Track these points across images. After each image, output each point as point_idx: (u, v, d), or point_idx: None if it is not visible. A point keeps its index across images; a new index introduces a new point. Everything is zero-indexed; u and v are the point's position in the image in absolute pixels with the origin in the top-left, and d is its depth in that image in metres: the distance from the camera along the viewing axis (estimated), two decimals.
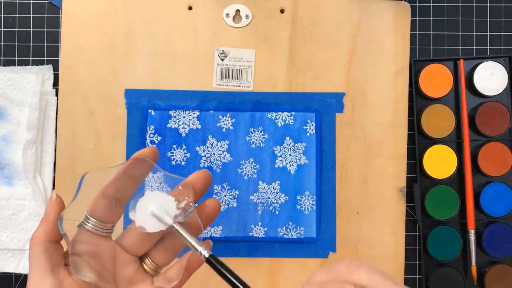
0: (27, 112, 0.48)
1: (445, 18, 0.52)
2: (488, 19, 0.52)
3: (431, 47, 0.52)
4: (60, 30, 0.52)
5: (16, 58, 0.51)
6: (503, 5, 0.52)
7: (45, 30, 0.52)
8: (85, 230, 0.33)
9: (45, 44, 0.51)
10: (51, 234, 0.32)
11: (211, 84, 0.50)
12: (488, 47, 0.52)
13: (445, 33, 0.52)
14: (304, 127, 0.50)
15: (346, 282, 0.29)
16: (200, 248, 0.32)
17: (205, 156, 0.49)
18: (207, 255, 0.32)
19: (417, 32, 0.52)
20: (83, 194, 0.33)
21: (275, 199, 0.49)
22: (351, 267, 0.29)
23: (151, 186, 0.47)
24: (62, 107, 0.50)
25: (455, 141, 0.50)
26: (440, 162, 0.50)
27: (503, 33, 0.52)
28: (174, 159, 0.49)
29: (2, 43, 0.52)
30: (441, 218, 0.49)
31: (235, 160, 0.49)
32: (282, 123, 0.50)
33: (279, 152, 0.49)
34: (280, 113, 0.50)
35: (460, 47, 0.52)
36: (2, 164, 0.49)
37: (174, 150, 0.49)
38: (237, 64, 0.50)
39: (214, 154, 0.49)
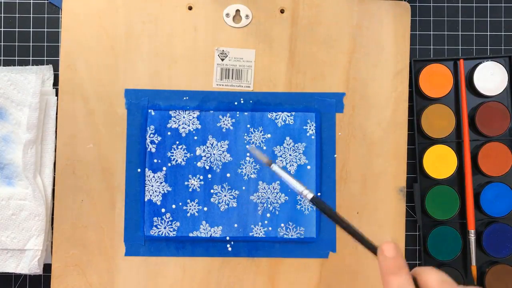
0: (27, 112, 0.48)
1: (445, 18, 0.52)
2: (488, 19, 0.52)
3: (431, 47, 0.52)
4: (60, 30, 0.52)
5: (16, 58, 0.51)
6: (503, 5, 0.52)
7: (45, 30, 0.52)
8: None
9: (45, 44, 0.51)
10: None
11: (211, 84, 0.50)
12: (488, 47, 0.52)
13: (445, 33, 0.52)
14: (304, 127, 0.50)
15: None
16: (302, 189, 0.33)
17: (205, 156, 0.49)
18: (310, 197, 0.32)
19: (417, 32, 0.52)
20: None
21: (275, 199, 0.49)
22: None
23: None
24: (62, 107, 0.50)
25: (455, 141, 0.50)
26: (440, 162, 0.50)
27: (503, 33, 0.52)
28: (174, 159, 0.49)
29: (2, 43, 0.52)
30: (441, 218, 0.49)
31: (235, 160, 0.49)
32: (282, 123, 0.50)
33: (279, 152, 0.49)
34: (280, 113, 0.50)
35: (460, 47, 0.52)
36: (2, 164, 0.49)
37: (174, 150, 0.49)
38: (237, 64, 0.50)
39: (214, 154, 0.49)
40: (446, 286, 0.30)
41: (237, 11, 0.50)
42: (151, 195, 0.49)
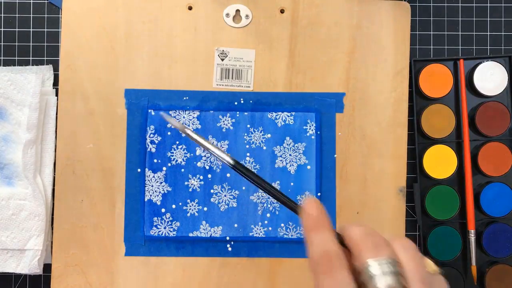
0: (27, 112, 0.48)
1: (445, 18, 0.52)
2: (488, 19, 0.52)
3: (431, 47, 0.52)
4: (60, 30, 0.52)
5: (16, 58, 0.51)
6: (503, 5, 0.52)
7: (45, 30, 0.52)
8: None
9: (45, 44, 0.51)
10: None
11: (211, 84, 0.50)
12: (488, 47, 0.52)
13: (445, 33, 0.52)
14: (304, 127, 0.50)
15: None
16: (223, 155, 0.32)
17: (205, 156, 0.49)
18: (232, 162, 0.32)
19: (417, 32, 0.52)
20: None
21: None
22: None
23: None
24: (62, 107, 0.50)
25: (455, 141, 0.50)
26: (440, 162, 0.50)
27: (503, 33, 0.52)
28: (174, 159, 0.49)
29: (2, 43, 0.52)
30: (441, 218, 0.49)
31: None
32: (282, 123, 0.50)
33: (279, 152, 0.49)
34: (280, 113, 0.50)
35: (460, 47, 0.52)
36: (2, 164, 0.49)
37: (174, 150, 0.49)
38: (237, 64, 0.50)
39: None
40: (370, 238, 0.29)
41: (237, 11, 0.50)
42: (151, 195, 0.49)
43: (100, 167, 0.49)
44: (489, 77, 0.50)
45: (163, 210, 0.49)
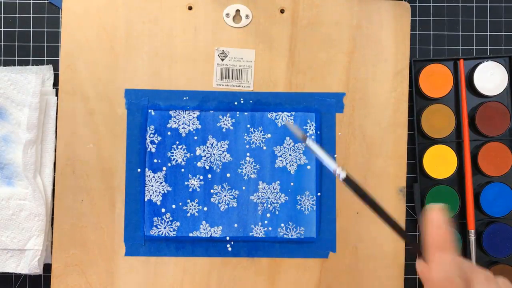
0: (27, 112, 0.48)
1: (445, 18, 0.52)
2: (488, 19, 0.52)
3: (431, 47, 0.52)
4: (60, 30, 0.52)
5: (16, 58, 0.51)
6: (503, 5, 0.52)
7: (45, 30, 0.52)
8: None
9: (45, 44, 0.51)
10: None
11: (211, 84, 0.50)
12: (488, 47, 0.52)
13: (445, 33, 0.52)
14: (304, 127, 0.50)
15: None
16: (335, 167, 0.32)
17: (205, 156, 0.49)
18: (343, 176, 0.31)
19: (417, 32, 0.52)
20: None
21: (275, 199, 0.49)
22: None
23: None
24: (62, 107, 0.50)
25: (455, 141, 0.50)
26: (440, 162, 0.50)
27: (503, 33, 0.52)
28: (174, 159, 0.49)
29: (2, 43, 0.52)
30: None
31: (235, 160, 0.49)
32: (282, 123, 0.50)
33: (279, 152, 0.49)
34: (280, 113, 0.50)
35: (460, 47, 0.52)
36: (2, 164, 0.49)
37: (174, 150, 0.49)
38: (237, 64, 0.50)
39: (214, 154, 0.49)
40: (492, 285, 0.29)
41: (237, 11, 0.50)
42: (151, 195, 0.49)
43: (100, 167, 0.49)
44: (489, 77, 0.50)
45: (163, 210, 0.49)
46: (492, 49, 0.52)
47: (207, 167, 0.49)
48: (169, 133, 0.49)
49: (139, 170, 0.49)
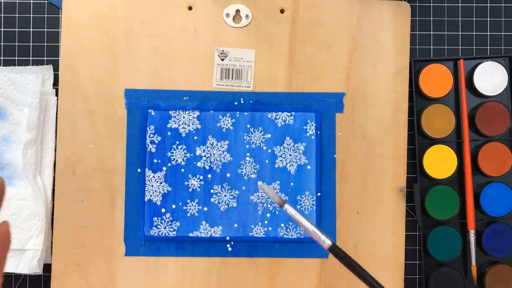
0: (27, 112, 0.48)
1: (445, 18, 0.52)
2: (488, 19, 0.52)
3: (431, 47, 0.52)
4: (60, 30, 0.52)
5: (16, 58, 0.51)
6: (503, 5, 0.52)
7: (45, 30, 0.52)
8: None
9: (45, 44, 0.51)
10: None
11: (211, 84, 0.50)
12: (488, 47, 0.52)
13: (445, 33, 0.52)
14: (304, 127, 0.50)
15: None
16: (322, 236, 0.31)
17: (205, 156, 0.49)
18: (328, 244, 0.31)
19: (417, 32, 0.52)
20: None
21: None
22: None
23: None
24: (62, 107, 0.50)
25: (455, 141, 0.50)
26: (440, 162, 0.50)
27: (503, 33, 0.52)
28: (174, 159, 0.49)
29: (2, 43, 0.52)
30: (441, 218, 0.49)
31: (235, 160, 0.49)
32: (282, 123, 0.50)
33: (279, 152, 0.49)
34: (280, 113, 0.50)
35: (460, 47, 0.52)
36: (2, 164, 0.49)
37: (174, 150, 0.49)
38: (237, 64, 0.50)
39: (214, 154, 0.49)
40: None
41: (237, 11, 0.50)
42: (151, 195, 0.49)
43: (100, 167, 0.49)
44: (489, 77, 0.50)
45: (163, 210, 0.49)
46: (492, 49, 0.52)
47: (207, 167, 0.49)
48: (169, 133, 0.49)
49: (139, 170, 0.49)
